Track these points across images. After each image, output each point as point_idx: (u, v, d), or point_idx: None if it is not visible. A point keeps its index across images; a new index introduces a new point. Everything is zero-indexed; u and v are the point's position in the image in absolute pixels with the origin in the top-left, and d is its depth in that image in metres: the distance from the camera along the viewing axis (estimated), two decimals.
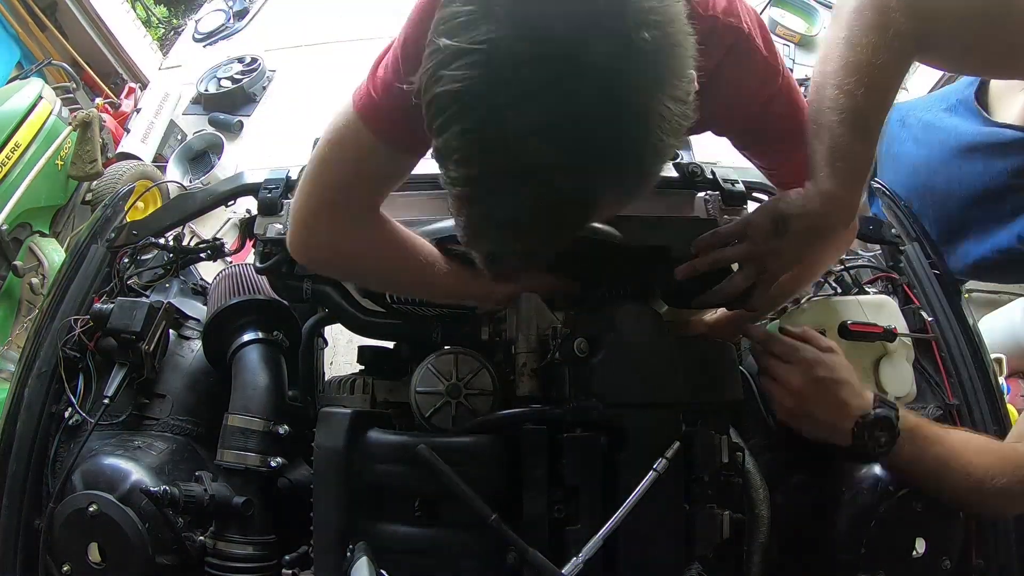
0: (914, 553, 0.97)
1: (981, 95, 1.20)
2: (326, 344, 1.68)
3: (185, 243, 1.45)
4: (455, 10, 0.55)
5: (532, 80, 0.53)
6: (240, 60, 3.97)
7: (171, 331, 1.30)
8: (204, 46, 4.33)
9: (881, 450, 0.92)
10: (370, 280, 1.08)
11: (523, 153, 0.56)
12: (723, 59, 0.81)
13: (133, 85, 3.85)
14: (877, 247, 1.37)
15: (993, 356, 1.30)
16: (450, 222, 1.03)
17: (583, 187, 0.59)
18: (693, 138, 1.62)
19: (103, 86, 3.82)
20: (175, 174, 3.33)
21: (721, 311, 1.23)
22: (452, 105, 0.56)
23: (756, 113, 0.89)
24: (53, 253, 2.69)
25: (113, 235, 1.37)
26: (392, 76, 0.80)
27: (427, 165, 0.81)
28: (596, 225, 0.95)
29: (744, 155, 1.01)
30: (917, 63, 0.90)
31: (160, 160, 3.46)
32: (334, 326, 1.31)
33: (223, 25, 4.39)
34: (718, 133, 0.96)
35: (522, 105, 0.54)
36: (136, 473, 1.07)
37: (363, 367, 1.21)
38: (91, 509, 1.01)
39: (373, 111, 0.83)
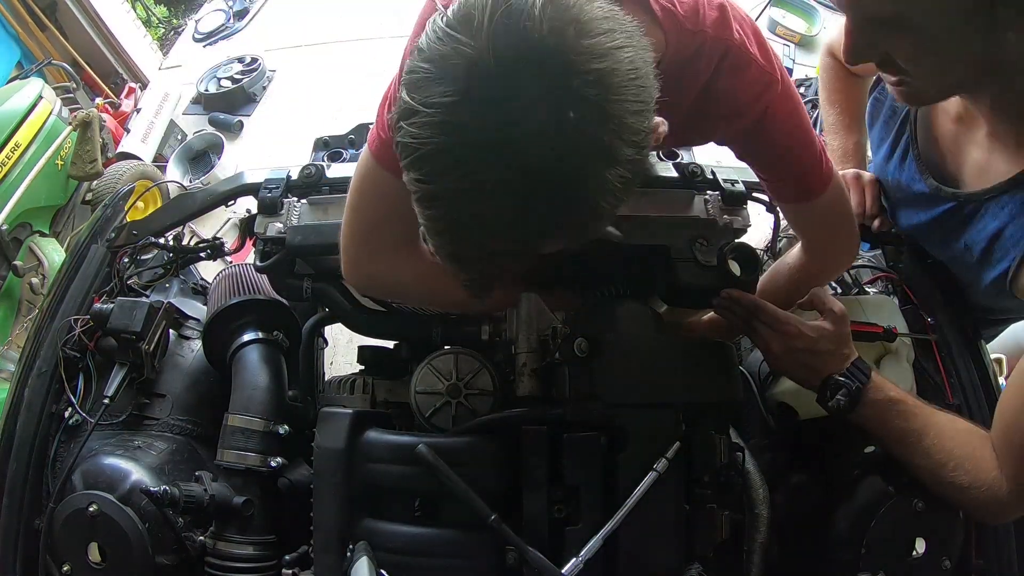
0: (914, 553, 0.97)
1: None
2: (326, 344, 1.68)
3: (185, 243, 1.45)
4: (416, 65, 0.60)
5: (474, 147, 0.58)
6: (240, 60, 3.97)
7: (171, 331, 1.30)
8: (204, 46, 4.32)
9: (840, 412, 0.97)
10: (414, 301, 1.14)
11: (464, 209, 0.61)
12: (714, 73, 0.82)
13: (133, 85, 3.85)
14: (877, 247, 1.37)
15: (993, 356, 1.30)
16: None
17: (520, 239, 0.64)
18: None
19: (103, 86, 3.82)
20: (175, 174, 3.32)
21: None
22: (410, 154, 0.60)
23: (754, 123, 0.89)
24: (53, 253, 2.69)
25: (113, 235, 1.37)
26: None
27: None
28: None
29: (748, 164, 1.02)
30: None
31: (160, 160, 3.45)
32: (334, 326, 1.31)
33: (223, 25, 4.39)
34: (720, 143, 0.98)
35: (463, 168, 0.58)
36: (136, 473, 1.07)
37: (363, 367, 1.21)
38: (91, 509, 1.01)
39: (387, 151, 0.86)
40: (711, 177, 1.18)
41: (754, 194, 1.19)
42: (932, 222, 1.18)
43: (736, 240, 1.14)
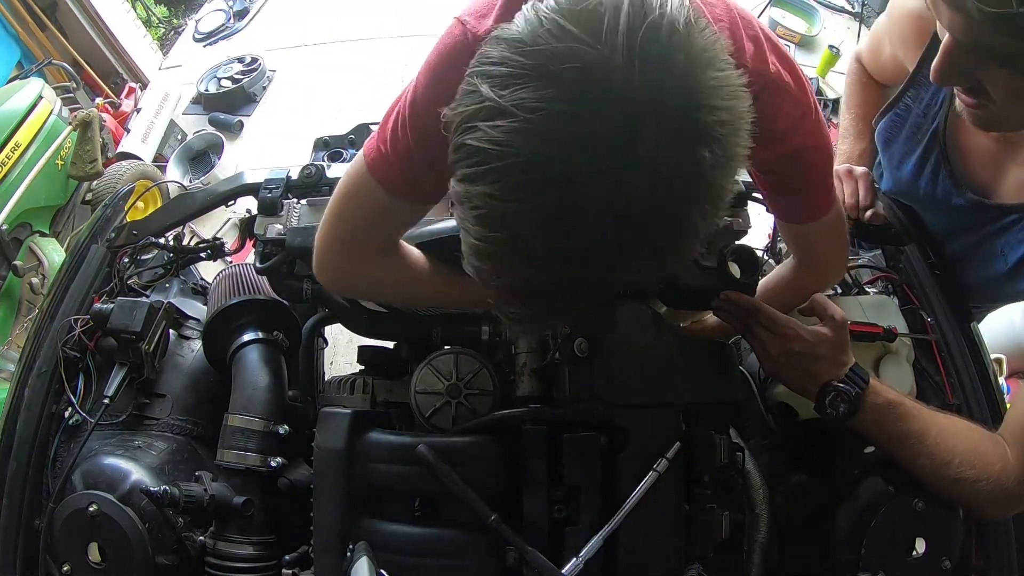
0: (914, 553, 0.97)
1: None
2: (326, 344, 1.68)
3: (185, 243, 1.45)
4: (503, 55, 0.51)
5: (575, 170, 0.49)
6: (240, 60, 3.97)
7: (171, 331, 1.30)
8: (204, 46, 4.32)
9: (840, 419, 0.96)
10: (391, 302, 1.12)
11: (540, 239, 0.52)
12: (752, 105, 0.80)
13: (133, 85, 3.85)
14: (877, 247, 1.37)
15: (993, 356, 1.30)
16: (442, 224, 1.04)
17: (601, 278, 0.57)
18: None
19: (103, 86, 3.81)
20: (175, 174, 3.32)
21: None
22: (483, 163, 0.51)
23: (785, 153, 0.86)
24: (53, 253, 2.69)
25: (113, 235, 1.37)
26: (401, 134, 0.79)
27: None
28: None
29: (755, 174, 0.97)
30: None
31: (160, 160, 3.45)
32: (334, 326, 1.31)
33: (223, 25, 4.38)
34: (750, 169, 0.94)
35: (553, 193, 0.50)
36: (136, 473, 1.07)
37: (363, 367, 1.21)
38: (91, 509, 1.01)
39: (384, 168, 0.83)
40: None
41: (754, 194, 1.19)
42: (967, 227, 1.21)
43: (736, 242, 1.14)
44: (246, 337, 1.24)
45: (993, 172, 1.13)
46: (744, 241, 1.16)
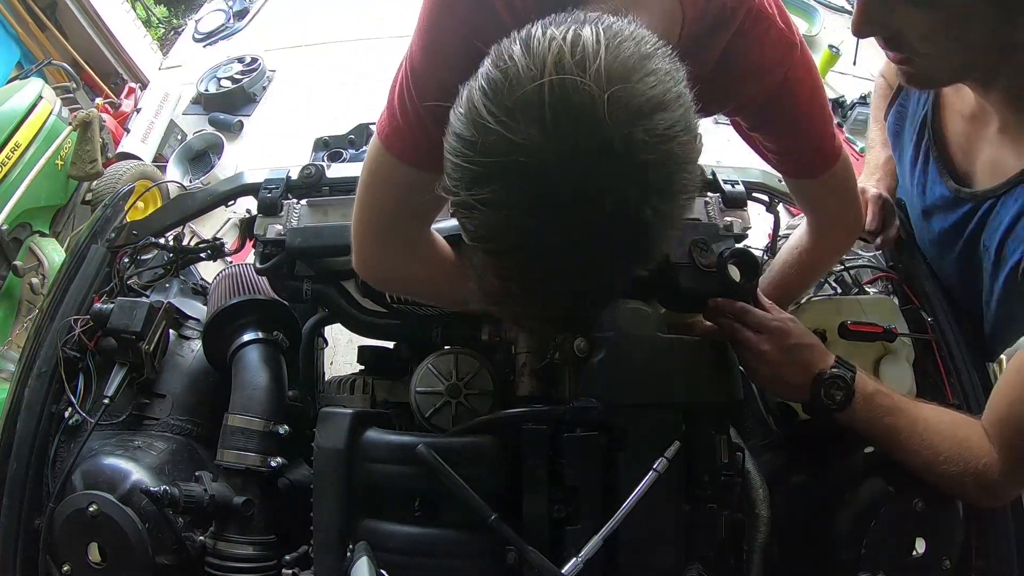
0: (914, 553, 0.97)
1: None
2: (326, 344, 1.68)
3: (185, 243, 1.45)
4: (459, 150, 0.59)
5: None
6: (240, 60, 3.97)
7: (171, 331, 1.30)
8: (204, 46, 4.32)
9: (835, 408, 0.96)
10: (425, 298, 1.11)
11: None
12: (734, 36, 0.79)
13: (133, 85, 3.85)
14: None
15: None
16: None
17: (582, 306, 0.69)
18: None
19: (103, 86, 3.82)
20: (175, 174, 3.32)
21: None
22: (480, 238, 0.61)
23: (774, 88, 0.85)
24: (53, 253, 2.69)
25: (113, 235, 1.37)
26: (410, 102, 0.79)
27: None
28: None
29: (754, 138, 0.97)
30: None
31: (160, 160, 3.45)
32: (334, 326, 1.31)
33: (223, 25, 4.39)
34: (732, 114, 0.94)
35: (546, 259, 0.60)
36: (136, 473, 1.07)
37: (363, 367, 1.21)
38: (91, 509, 1.01)
39: (398, 139, 0.82)
40: (711, 178, 1.18)
41: (754, 194, 1.19)
42: (955, 227, 1.15)
43: (736, 245, 1.14)
44: (246, 337, 1.24)
45: (968, 157, 1.10)
46: (744, 242, 1.16)
